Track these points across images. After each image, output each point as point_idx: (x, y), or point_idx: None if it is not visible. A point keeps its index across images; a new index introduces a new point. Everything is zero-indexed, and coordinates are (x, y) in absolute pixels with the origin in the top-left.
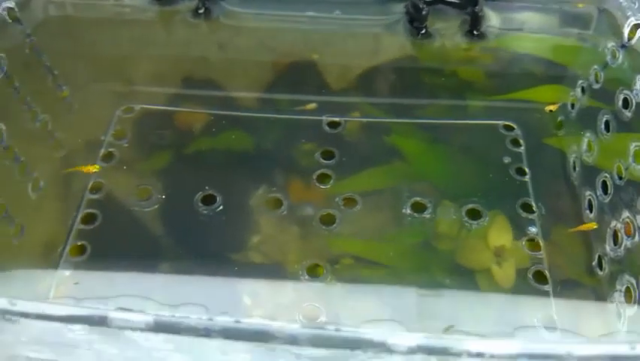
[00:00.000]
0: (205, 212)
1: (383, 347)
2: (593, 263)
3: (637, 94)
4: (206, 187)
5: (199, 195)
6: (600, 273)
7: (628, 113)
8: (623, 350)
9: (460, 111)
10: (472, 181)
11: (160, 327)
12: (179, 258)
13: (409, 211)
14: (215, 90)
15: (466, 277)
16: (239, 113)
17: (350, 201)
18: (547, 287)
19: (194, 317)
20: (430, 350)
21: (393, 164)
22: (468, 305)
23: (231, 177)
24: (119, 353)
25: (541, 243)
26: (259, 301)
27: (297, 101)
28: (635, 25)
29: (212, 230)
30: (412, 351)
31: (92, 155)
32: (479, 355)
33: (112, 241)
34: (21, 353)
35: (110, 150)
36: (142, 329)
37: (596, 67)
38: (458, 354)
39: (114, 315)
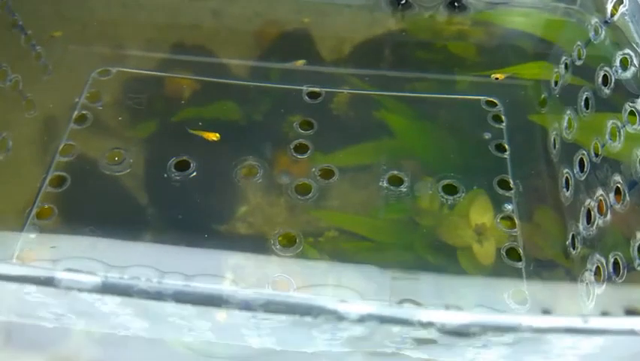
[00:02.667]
0: (178, 178)
1: (335, 314)
2: (567, 242)
3: (616, 71)
4: (181, 154)
5: (172, 161)
6: (573, 252)
7: (607, 90)
8: (576, 323)
9: (442, 86)
10: (452, 157)
11: (109, 289)
12: (150, 223)
13: (390, 186)
14: (201, 56)
15: (448, 253)
16: (224, 80)
17: (329, 173)
18: (521, 265)
19: (144, 279)
20: (381, 319)
21: (381, 139)
22: (447, 282)
23: (210, 144)
24: (77, 317)
25: (517, 221)
26: (231, 271)
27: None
28: (617, 0)
29: (184, 196)
30: (363, 319)
31: (65, 116)
32: (430, 324)
33: (80, 205)
34: None
35: (84, 112)
36: (90, 290)
37: (579, 43)
38: (410, 323)
39: (62, 276)
